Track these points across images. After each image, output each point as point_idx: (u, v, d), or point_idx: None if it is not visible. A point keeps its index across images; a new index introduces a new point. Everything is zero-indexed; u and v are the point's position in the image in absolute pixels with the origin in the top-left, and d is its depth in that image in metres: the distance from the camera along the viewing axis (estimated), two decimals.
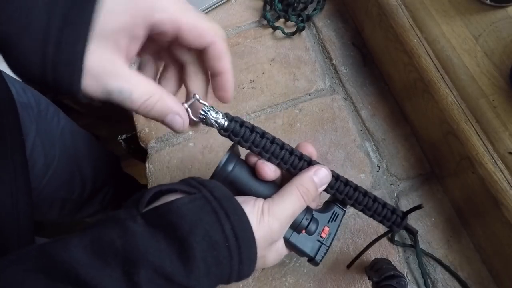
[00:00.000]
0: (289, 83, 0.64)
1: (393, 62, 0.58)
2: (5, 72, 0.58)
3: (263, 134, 0.34)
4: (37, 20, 0.23)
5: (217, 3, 0.71)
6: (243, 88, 0.64)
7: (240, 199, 0.32)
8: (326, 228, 0.37)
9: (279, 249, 0.35)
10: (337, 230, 0.38)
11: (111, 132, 0.98)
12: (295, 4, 0.68)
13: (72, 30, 0.24)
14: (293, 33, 0.67)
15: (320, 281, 0.51)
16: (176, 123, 0.31)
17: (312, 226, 0.36)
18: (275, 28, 0.68)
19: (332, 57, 0.66)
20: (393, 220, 0.38)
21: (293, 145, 0.37)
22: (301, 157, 0.35)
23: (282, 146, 0.34)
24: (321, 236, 0.37)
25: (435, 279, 0.50)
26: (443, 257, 0.51)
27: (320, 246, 0.37)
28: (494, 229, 0.45)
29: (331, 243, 0.37)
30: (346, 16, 0.69)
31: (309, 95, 0.63)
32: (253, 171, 0.35)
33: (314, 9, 0.68)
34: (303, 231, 0.36)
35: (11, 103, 0.54)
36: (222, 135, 0.33)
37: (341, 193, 0.37)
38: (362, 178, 0.56)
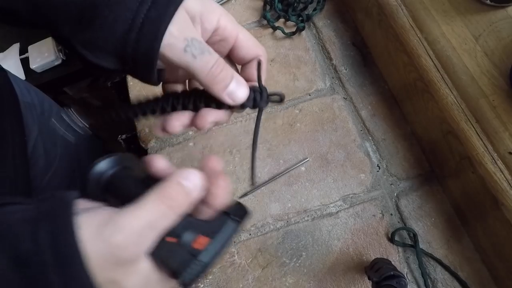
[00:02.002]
0: (289, 83, 0.64)
1: (393, 62, 0.58)
2: (9, 72, 0.58)
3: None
4: None
5: (217, 3, 0.71)
6: None
7: (92, 208, 0.26)
8: (205, 239, 0.27)
9: (143, 271, 0.26)
10: (223, 245, 0.28)
11: (111, 132, 0.98)
12: (295, 4, 0.68)
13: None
14: (293, 33, 0.67)
15: (320, 281, 0.51)
16: (240, 89, 0.31)
17: (185, 234, 0.27)
18: (275, 28, 0.68)
19: (332, 57, 0.66)
20: (252, 97, 0.32)
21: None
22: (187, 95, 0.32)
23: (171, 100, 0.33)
24: (193, 247, 0.27)
25: (435, 279, 0.50)
26: (443, 257, 0.51)
27: (192, 261, 0.26)
28: (494, 229, 0.45)
29: (210, 260, 0.27)
30: (346, 16, 0.69)
31: (309, 95, 0.63)
32: (143, 181, 0.30)
33: (314, 9, 0.68)
34: (172, 239, 0.27)
35: (15, 103, 0.54)
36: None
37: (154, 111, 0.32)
38: (362, 178, 0.56)
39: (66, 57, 1.08)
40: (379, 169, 0.57)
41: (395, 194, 0.55)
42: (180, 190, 0.27)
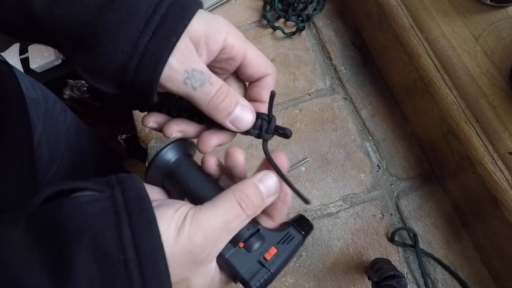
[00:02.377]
0: (289, 83, 0.64)
1: (393, 62, 0.58)
2: (15, 67, 0.58)
3: None
4: (142, 12, 0.26)
5: (217, 3, 0.71)
6: None
7: (164, 201, 0.26)
8: (273, 249, 0.28)
9: (211, 272, 0.27)
10: (288, 257, 0.29)
11: (111, 132, 0.98)
12: (295, 4, 0.68)
13: (170, 24, 0.26)
14: (293, 33, 0.67)
15: (320, 281, 0.51)
16: (246, 115, 0.30)
17: (255, 242, 0.28)
18: (275, 28, 0.68)
19: (332, 57, 0.66)
20: (259, 126, 0.31)
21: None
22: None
23: None
24: (264, 258, 0.28)
25: (435, 279, 0.50)
26: (443, 257, 0.51)
27: (260, 270, 0.27)
28: (494, 229, 0.45)
29: (276, 271, 0.27)
30: (346, 16, 0.69)
31: (309, 95, 0.63)
32: (203, 173, 0.32)
33: (314, 9, 0.68)
34: (241, 244, 0.28)
35: (21, 98, 0.54)
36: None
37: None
38: (362, 178, 0.56)
39: (66, 57, 1.08)
40: (379, 169, 0.57)
41: (395, 194, 0.55)
42: (257, 192, 0.28)
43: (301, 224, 0.31)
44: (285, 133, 0.32)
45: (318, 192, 0.56)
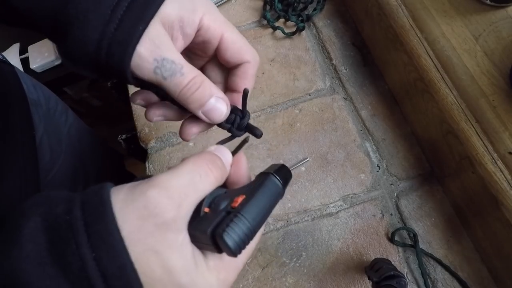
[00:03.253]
0: (289, 83, 0.64)
1: (393, 62, 0.58)
2: (17, 68, 0.58)
3: None
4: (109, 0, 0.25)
5: (217, 3, 0.71)
6: None
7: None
8: (240, 196, 0.25)
9: (187, 248, 0.23)
10: (262, 199, 0.25)
11: (111, 132, 0.98)
12: (295, 4, 0.68)
13: (137, 11, 0.25)
14: (293, 33, 0.67)
15: (320, 281, 0.51)
16: (219, 108, 0.28)
17: (221, 202, 0.25)
18: (275, 28, 0.68)
19: (332, 57, 0.66)
20: (231, 121, 0.30)
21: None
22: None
23: None
24: (231, 207, 0.24)
25: (435, 279, 0.50)
26: (443, 257, 0.51)
27: (228, 216, 0.23)
28: (494, 229, 0.45)
29: (248, 212, 0.23)
30: (346, 16, 0.69)
31: (309, 95, 0.63)
32: None
33: (314, 9, 0.68)
34: (206, 209, 0.25)
35: (23, 99, 0.54)
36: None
37: None
38: (362, 178, 0.56)
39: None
40: (379, 169, 0.57)
41: (395, 194, 0.55)
42: (217, 158, 0.27)
43: (278, 171, 0.27)
44: (255, 133, 0.31)
45: (318, 192, 0.56)
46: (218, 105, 0.28)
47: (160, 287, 0.21)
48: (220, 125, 0.30)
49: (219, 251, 0.23)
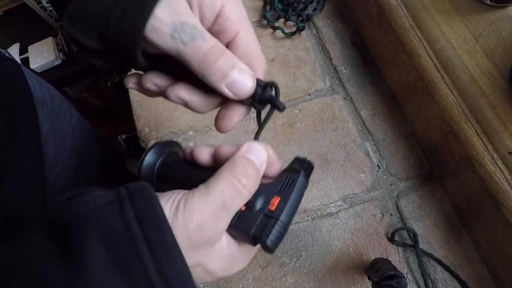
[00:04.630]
0: (289, 83, 0.64)
1: (393, 62, 0.58)
2: (23, 66, 0.59)
3: None
4: None
5: None
6: None
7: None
8: (276, 198, 0.27)
9: (224, 250, 0.26)
10: (295, 200, 0.27)
11: (111, 132, 0.98)
12: (295, 4, 0.68)
13: None
14: (293, 33, 0.67)
15: (320, 281, 0.51)
16: (244, 80, 0.26)
17: (256, 200, 0.27)
18: (275, 28, 0.68)
19: (332, 57, 0.66)
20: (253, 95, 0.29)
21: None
22: None
23: None
24: (269, 210, 0.26)
25: (435, 279, 0.50)
26: (443, 257, 0.51)
27: (268, 221, 0.26)
28: (494, 229, 0.45)
29: (286, 216, 0.26)
30: (346, 16, 0.69)
31: (309, 95, 0.63)
32: (192, 164, 0.30)
33: (314, 9, 0.68)
34: (243, 208, 0.27)
35: (29, 97, 0.54)
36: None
37: None
38: (362, 178, 0.56)
39: (66, 57, 1.08)
40: (379, 169, 0.57)
41: (395, 194, 0.55)
42: (250, 165, 0.26)
43: (297, 165, 0.28)
44: (277, 106, 0.30)
45: (318, 192, 0.56)
46: (243, 78, 0.26)
47: (206, 281, 0.26)
48: (244, 101, 0.28)
49: (254, 245, 0.26)
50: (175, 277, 0.22)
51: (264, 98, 0.29)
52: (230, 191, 0.24)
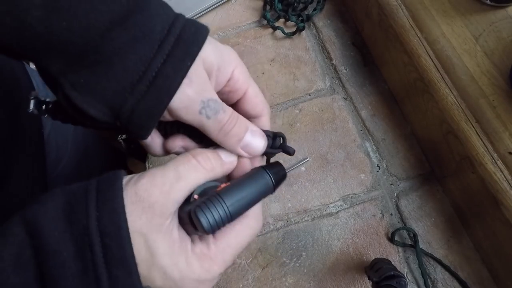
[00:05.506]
0: (289, 83, 0.64)
1: (393, 62, 0.58)
2: (27, 65, 0.59)
3: None
4: (157, 32, 0.24)
5: (217, 3, 0.71)
6: None
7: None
8: (226, 184, 0.27)
9: (173, 233, 0.25)
10: (245, 184, 0.27)
11: (111, 132, 0.98)
12: (295, 4, 0.68)
13: (184, 47, 0.25)
14: (293, 33, 0.67)
15: (320, 281, 0.51)
16: (257, 142, 0.29)
17: (209, 191, 0.27)
18: (275, 28, 0.68)
19: (332, 57, 0.66)
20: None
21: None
22: None
23: None
24: (215, 192, 0.26)
25: (435, 279, 0.50)
26: (443, 257, 0.51)
27: (208, 199, 0.25)
28: (494, 229, 0.45)
29: (230, 196, 0.26)
30: (346, 16, 0.69)
31: (309, 95, 0.63)
32: None
33: (314, 9, 0.68)
34: (196, 197, 0.26)
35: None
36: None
37: None
38: (362, 178, 0.56)
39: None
40: (379, 169, 0.57)
41: (395, 194, 0.55)
42: (213, 153, 0.28)
43: (272, 168, 0.30)
44: (288, 151, 0.33)
45: (318, 192, 0.56)
46: (256, 139, 0.29)
47: (145, 267, 0.24)
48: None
49: (195, 230, 0.25)
50: (111, 230, 0.22)
51: (274, 147, 0.32)
52: (184, 162, 0.26)
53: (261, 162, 0.32)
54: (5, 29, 0.22)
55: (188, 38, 0.25)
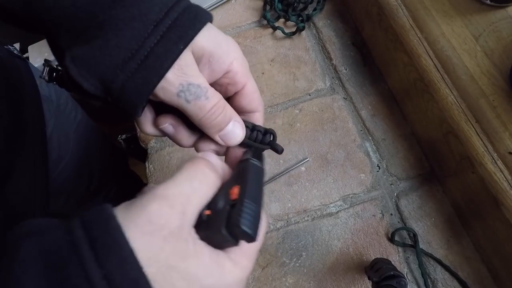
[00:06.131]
0: (289, 83, 0.64)
1: (393, 62, 0.58)
2: (31, 64, 0.59)
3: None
4: (154, 13, 0.25)
5: (217, 3, 0.71)
6: None
7: None
8: (234, 188, 0.25)
9: (204, 252, 0.22)
10: (254, 179, 0.26)
11: (111, 132, 0.98)
12: (295, 4, 0.68)
13: (180, 30, 0.25)
14: (293, 33, 0.67)
15: (320, 281, 0.51)
16: (236, 132, 0.29)
17: (218, 199, 0.25)
18: (275, 28, 0.68)
19: (332, 57, 0.66)
20: (253, 138, 0.32)
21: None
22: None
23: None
24: (231, 200, 0.24)
25: (435, 279, 0.50)
26: (443, 257, 0.51)
27: (235, 209, 0.24)
28: (494, 229, 0.45)
29: (253, 197, 0.25)
30: (346, 16, 0.69)
31: (309, 95, 0.63)
32: None
33: (314, 9, 0.68)
34: (207, 212, 0.25)
35: (36, 95, 0.54)
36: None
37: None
38: (362, 178, 0.56)
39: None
40: (379, 169, 0.57)
41: (395, 194, 0.55)
42: (210, 163, 0.26)
43: (245, 155, 0.30)
44: (276, 149, 0.33)
45: (318, 192, 0.56)
46: (236, 130, 0.29)
47: None
48: (242, 144, 0.31)
49: (237, 242, 0.24)
50: (128, 285, 0.18)
51: (263, 142, 0.32)
52: (196, 175, 0.24)
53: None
54: (18, 2, 0.25)
55: (185, 22, 0.25)
